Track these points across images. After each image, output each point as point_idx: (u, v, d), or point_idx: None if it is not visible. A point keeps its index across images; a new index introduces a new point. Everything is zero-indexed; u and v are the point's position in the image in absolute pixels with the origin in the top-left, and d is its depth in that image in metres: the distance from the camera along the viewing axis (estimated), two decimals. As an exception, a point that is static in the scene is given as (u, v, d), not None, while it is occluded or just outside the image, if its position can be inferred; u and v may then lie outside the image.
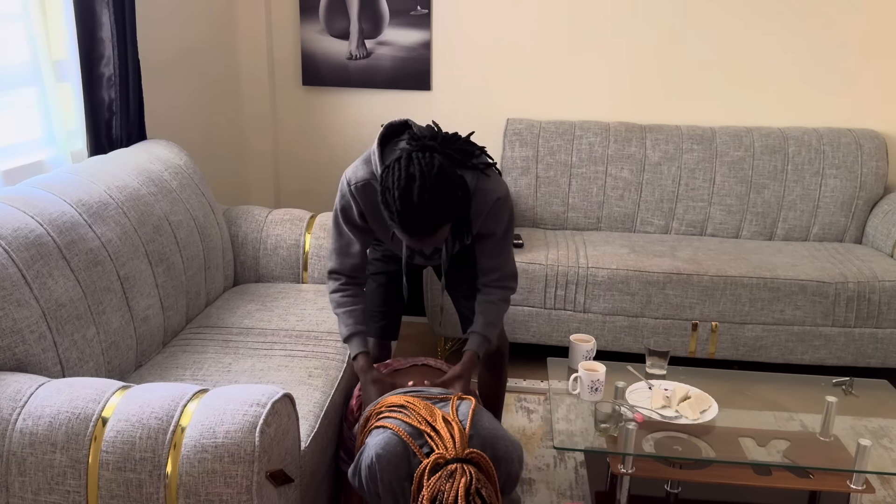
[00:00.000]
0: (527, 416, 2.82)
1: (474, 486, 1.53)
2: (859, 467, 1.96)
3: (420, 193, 1.60)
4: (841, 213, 3.36)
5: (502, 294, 2.02)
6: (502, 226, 1.92)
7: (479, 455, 1.62)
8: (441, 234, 1.70)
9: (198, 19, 3.23)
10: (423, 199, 1.61)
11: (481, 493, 1.54)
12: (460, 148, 1.81)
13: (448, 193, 1.65)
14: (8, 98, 2.20)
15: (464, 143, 1.84)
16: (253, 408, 1.46)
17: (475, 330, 2.00)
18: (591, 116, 3.62)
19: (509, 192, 1.92)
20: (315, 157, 3.86)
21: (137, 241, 2.13)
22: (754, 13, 3.42)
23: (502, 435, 1.75)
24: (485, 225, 1.91)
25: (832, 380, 2.38)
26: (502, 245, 1.96)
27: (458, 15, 3.57)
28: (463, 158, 1.80)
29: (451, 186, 1.66)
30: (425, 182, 1.61)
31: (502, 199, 1.87)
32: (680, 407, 2.10)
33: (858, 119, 3.51)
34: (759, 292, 2.93)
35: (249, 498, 1.42)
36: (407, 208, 1.61)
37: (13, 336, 1.66)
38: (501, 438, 1.74)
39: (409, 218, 1.62)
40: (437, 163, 1.65)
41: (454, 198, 1.67)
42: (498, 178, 1.89)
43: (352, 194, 1.89)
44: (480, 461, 1.62)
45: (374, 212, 1.91)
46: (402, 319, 2.30)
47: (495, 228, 1.92)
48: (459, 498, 1.50)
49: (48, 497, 1.48)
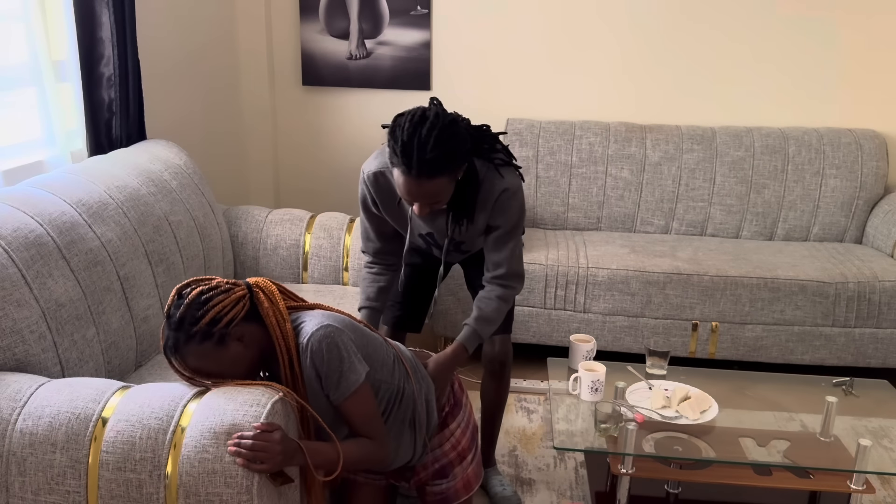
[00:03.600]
0: (527, 416, 2.82)
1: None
2: (859, 467, 1.96)
3: (429, 130, 1.65)
4: (841, 213, 3.36)
5: (501, 291, 1.99)
6: (508, 220, 1.91)
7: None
8: (437, 190, 1.70)
9: (198, 19, 3.23)
10: (430, 135, 1.65)
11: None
12: (476, 133, 1.83)
13: (455, 141, 1.68)
14: (8, 98, 2.20)
15: (483, 132, 1.86)
16: (253, 408, 1.46)
17: (467, 322, 1.99)
18: (591, 116, 3.62)
19: (521, 191, 1.91)
20: (315, 157, 3.86)
21: (137, 241, 2.13)
22: (754, 13, 3.42)
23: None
24: (492, 217, 1.91)
25: (832, 380, 2.38)
26: (507, 240, 1.95)
27: (458, 15, 3.57)
28: (476, 145, 1.82)
29: (459, 137, 1.70)
30: (437, 123, 1.67)
31: (510, 192, 1.86)
32: (680, 407, 2.10)
33: (858, 119, 3.50)
34: (760, 292, 2.93)
35: (249, 498, 1.42)
36: (411, 141, 1.65)
37: (13, 336, 1.66)
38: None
39: (411, 151, 1.65)
40: (452, 117, 1.71)
41: (458, 150, 1.70)
42: (512, 174, 1.88)
43: (364, 183, 1.97)
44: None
45: (386, 200, 1.98)
46: (427, 314, 2.28)
47: (501, 221, 1.91)
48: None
49: (48, 497, 1.48)
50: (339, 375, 1.54)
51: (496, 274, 1.98)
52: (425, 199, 1.73)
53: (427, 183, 1.69)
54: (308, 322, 1.57)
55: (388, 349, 1.73)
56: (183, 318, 1.50)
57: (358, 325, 1.67)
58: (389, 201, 1.98)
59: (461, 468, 1.87)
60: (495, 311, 1.99)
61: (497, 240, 1.95)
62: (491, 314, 1.98)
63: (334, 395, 1.55)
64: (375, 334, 1.73)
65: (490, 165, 1.86)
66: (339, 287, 2.71)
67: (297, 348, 1.55)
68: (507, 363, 2.26)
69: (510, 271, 1.98)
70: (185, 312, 1.50)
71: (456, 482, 1.87)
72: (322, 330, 1.53)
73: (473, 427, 1.94)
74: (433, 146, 1.65)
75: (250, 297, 1.57)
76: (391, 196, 1.97)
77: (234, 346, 1.53)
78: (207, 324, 1.49)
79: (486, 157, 1.86)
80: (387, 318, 2.25)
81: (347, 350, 1.55)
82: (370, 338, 1.68)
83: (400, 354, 1.76)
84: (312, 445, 1.52)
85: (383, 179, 1.94)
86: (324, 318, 1.57)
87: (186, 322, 1.50)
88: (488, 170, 1.86)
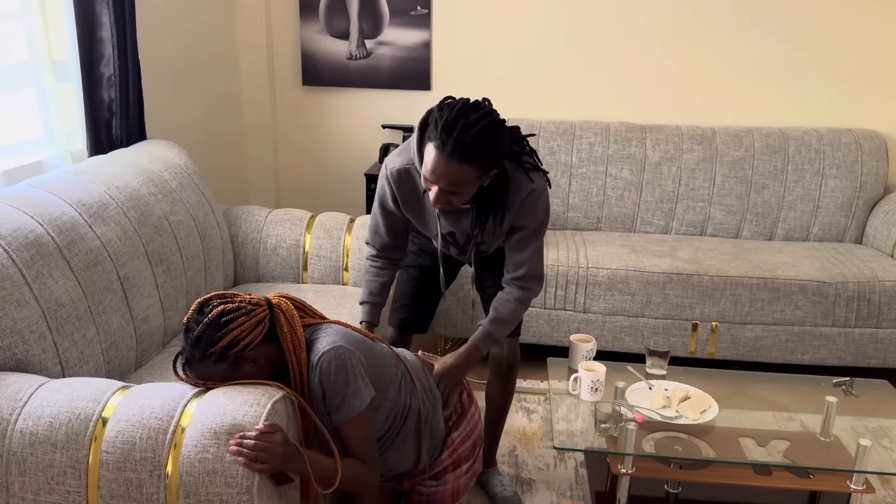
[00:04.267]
0: (527, 416, 2.82)
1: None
2: (859, 467, 1.96)
3: (478, 118, 1.67)
4: (841, 213, 3.36)
5: (520, 293, 1.97)
6: (534, 221, 1.90)
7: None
8: (462, 179, 1.69)
9: (198, 19, 3.23)
10: (478, 122, 1.66)
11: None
12: (514, 139, 1.84)
13: (496, 138, 1.70)
14: (8, 98, 2.20)
15: (517, 135, 1.86)
16: (253, 408, 1.46)
17: (481, 323, 1.98)
18: (591, 116, 3.62)
19: (547, 193, 1.91)
20: (315, 157, 3.86)
21: (137, 241, 2.13)
22: (754, 13, 3.42)
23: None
24: (517, 217, 1.90)
25: (832, 380, 2.37)
26: (530, 241, 1.93)
27: (458, 15, 3.57)
28: (511, 150, 1.83)
29: (501, 137, 1.72)
30: (487, 115, 1.68)
31: (536, 192, 1.86)
32: (680, 407, 2.10)
33: (858, 119, 3.50)
34: (759, 292, 2.93)
35: (250, 498, 1.42)
36: (457, 121, 1.66)
37: (13, 336, 1.66)
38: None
39: (453, 129, 1.65)
40: (501, 118, 1.73)
41: (497, 147, 1.71)
42: (540, 178, 1.88)
43: (387, 179, 1.96)
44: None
45: (408, 198, 1.97)
46: (433, 316, 2.28)
47: (527, 222, 1.90)
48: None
49: (48, 497, 1.48)
50: (343, 398, 1.55)
51: (517, 275, 1.97)
52: (447, 183, 1.71)
53: (456, 166, 1.67)
54: (321, 339, 1.57)
55: (398, 365, 1.74)
56: (200, 337, 1.51)
57: (370, 345, 1.67)
58: (412, 199, 1.97)
59: (454, 475, 1.87)
60: (512, 314, 1.97)
61: (520, 241, 1.94)
62: (508, 316, 1.97)
63: (335, 415, 1.57)
64: (386, 350, 1.74)
65: (518, 167, 1.86)
66: (339, 287, 2.71)
67: (307, 365, 1.56)
68: (514, 366, 2.26)
69: (531, 272, 1.96)
70: (203, 331, 1.51)
71: (446, 488, 1.86)
72: (333, 351, 1.54)
73: (477, 438, 1.92)
74: (477, 132, 1.65)
75: (270, 318, 1.57)
76: (415, 193, 1.95)
77: (248, 367, 1.55)
78: (224, 346, 1.51)
79: (515, 160, 1.85)
80: (393, 320, 2.24)
81: (355, 373, 1.55)
82: (380, 357, 1.68)
83: (409, 368, 1.77)
84: (311, 454, 1.53)
85: (407, 176, 1.92)
86: (337, 338, 1.57)
87: (203, 341, 1.51)
88: (516, 171, 1.86)
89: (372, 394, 1.58)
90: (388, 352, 1.74)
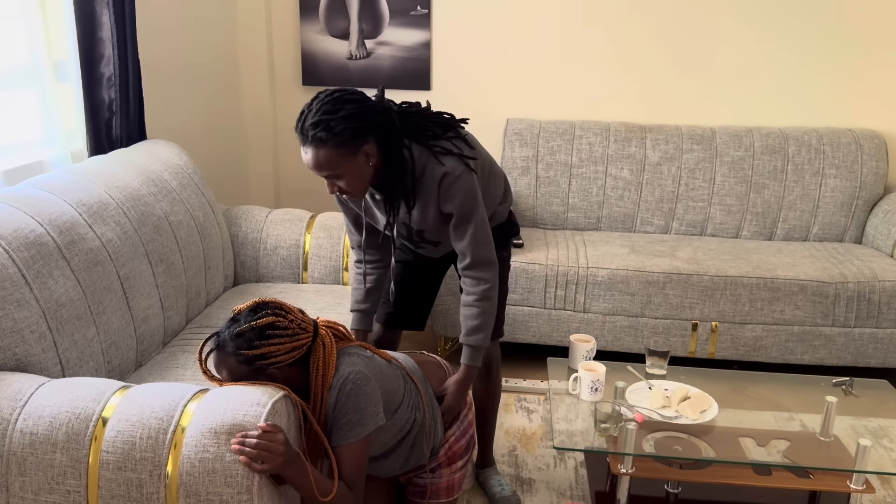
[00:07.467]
0: (527, 416, 2.82)
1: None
2: (859, 467, 1.96)
3: (320, 103, 1.71)
4: (841, 213, 3.36)
5: (474, 289, 1.91)
6: (458, 206, 1.84)
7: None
8: (327, 164, 1.71)
9: (198, 19, 3.23)
10: (320, 107, 1.70)
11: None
12: (417, 122, 1.83)
13: (339, 115, 1.70)
14: (8, 98, 2.20)
15: (423, 118, 1.84)
16: (253, 408, 1.46)
17: (462, 341, 1.95)
18: (591, 116, 3.62)
19: (466, 175, 1.83)
20: (315, 157, 3.85)
21: (137, 241, 2.13)
22: (754, 14, 3.42)
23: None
24: (442, 204, 1.86)
25: (832, 380, 2.38)
26: (464, 226, 1.87)
27: (458, 15, 3.57)
28: (417, 132, 1.82)
29: (348, 112, 1.71)
30: (327, 96, 1.73)
31: (451, 176, 1.80)
32: (680, 407, 2.10)
33: (858, 119, 3.51)
34: (759, 292, 2.93)
35: (250, 498, 1.42)
36: (303, 112, 1.73)
37: (13, 336, 1.66)
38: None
39: (303, 121, 1.71)
40: (357, 95, 1.75)
41: (344, 124, 1.70)
42: (455, 161, 1.82)
43: None
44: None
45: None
46: (428, 313, 2.28)
47: (452, 207, 1.85)
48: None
49: (48, 497, 1.48)
50: (346, 422, 1.58)
51: (464, 264, 1.91)
52: (322, 170, 1.74)
53: (314, 152, 1.70)
54: (344, 366, 1.62)
55: (409, 386, 1.78)
56: (241, 334, 1.56)
57: (386, 372, 1.71)
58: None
59: (449, 470, 1.91)
60: (480, 317, 1.91)
61: (455, 228, 1.89)
62: (477, 321, 1.91)
63: (335, 436, 1.60)
64: (397, 371, 1.77)
65: (429, 153, 1.82)
66: (339, 287, 2.71)
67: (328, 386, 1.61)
68: (493, 365, 2.25)
69: (476, 259, 1.89)
70: (246, 331, 1.56)
71: (440, 481, 1.91)
72: (353, 376, 1.60)
73: (471, 438, 1.97)
74: (316, 113, 1.69)
75: (310, 346, 1.62)
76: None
77: (265, 378, 1.59)
78: (255, 355, 1.55)
79: (424, 144, 1.82)
80: (379, 315, 2.22)
81: (367, 400, 1.60)
82: (393, 381, 1.72)
83: (416, 383, 1.81)
84: (310, 466, 1.54)
85: None
86: (359, 363, 1.63)
87: (242, 340, 1.56)
88: (428, 157, 1.82)
89: (378, 423, 1.62)
90: (398, 373, 1.77)
